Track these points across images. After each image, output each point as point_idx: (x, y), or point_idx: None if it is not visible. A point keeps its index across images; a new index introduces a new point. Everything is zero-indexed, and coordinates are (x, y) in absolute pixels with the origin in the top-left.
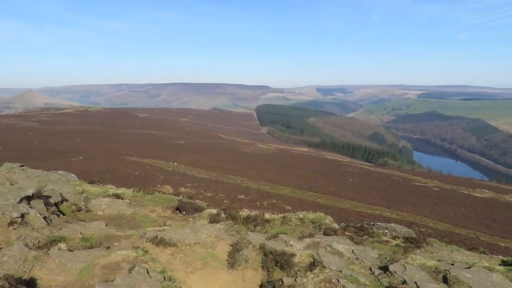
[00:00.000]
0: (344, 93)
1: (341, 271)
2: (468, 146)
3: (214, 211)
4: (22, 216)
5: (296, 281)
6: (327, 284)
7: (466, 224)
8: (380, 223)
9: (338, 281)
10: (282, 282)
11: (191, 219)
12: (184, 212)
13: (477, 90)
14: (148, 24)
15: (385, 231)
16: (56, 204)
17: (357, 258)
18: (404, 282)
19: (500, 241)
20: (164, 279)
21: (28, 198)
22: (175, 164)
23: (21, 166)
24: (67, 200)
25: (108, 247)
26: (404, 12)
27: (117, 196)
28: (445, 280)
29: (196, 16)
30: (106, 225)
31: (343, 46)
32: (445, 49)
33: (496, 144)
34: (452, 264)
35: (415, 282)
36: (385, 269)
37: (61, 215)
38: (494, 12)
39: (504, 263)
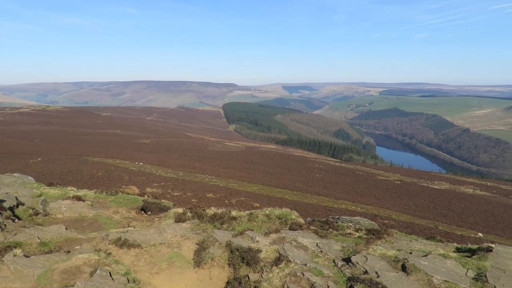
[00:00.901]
0: (310, 91)
1: (305, 265)
2: (426, 141)
3: (180, 210)
4: None
5: (262, 277)
6: (292, 278)
7: (425, 214)
8: (344, 217)
9: (303, 274)
10: (248, 278)
11: (156, 219)
12: (150, 213)
13: (434, 87)
14: (110, 20)
15: (349, 224)
16: (11, 209)
17: (321, 251)
18: (366, 272)
19: (456, 230)
20: (128, 281)
21: None
22: (141, 164)
23: None
24: (23, 204)
25: (68, 251)
26: (366, 12)
27: (78, 198)
28: (403, 268)
29: (160, 13)
30: (66, 229)
31: (308, 45)
32: (404, 48)
33: (452, 138)
34: (410, 253)
35: (376, 272)
36: (347, 260)
37: (16, 220)
38: (449, 13)
39: (458, 250)
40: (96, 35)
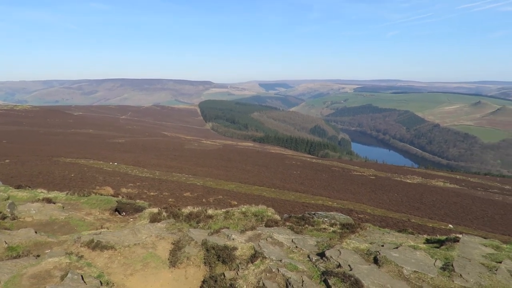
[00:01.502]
0: (286, 88)
1: (281, 260)
2: (399, 136)
3: (155, 210)
4: None
5: (237, 274)
6: (267, 274)
7: (399, 208)
8: (320, 212)
9: (278, 270)
10: (224, 276)
11: (131, 220)
12: (124, 213)
13: (406, 84)
14: (79, 15)
15: (325, 219)
16: None
17: (296, 247)
18: (339, 265)
19: (428, 222)
20: (101, 283)
21: None
22: (116, 164)
23: None
24: None
25: (38, 255)
26: (339, 10)
27: (48, 201)
28: (375, 260)
29: (132, 9)
30: (36, 232)
31: (284, 42)
32: (377, 46)
33: (423, 134)
34: (382, 246)
35: (349, 265)
36: (322, 255)
37: None
38: (419, 12)
39: (427, 241)
40: (65, 32)
